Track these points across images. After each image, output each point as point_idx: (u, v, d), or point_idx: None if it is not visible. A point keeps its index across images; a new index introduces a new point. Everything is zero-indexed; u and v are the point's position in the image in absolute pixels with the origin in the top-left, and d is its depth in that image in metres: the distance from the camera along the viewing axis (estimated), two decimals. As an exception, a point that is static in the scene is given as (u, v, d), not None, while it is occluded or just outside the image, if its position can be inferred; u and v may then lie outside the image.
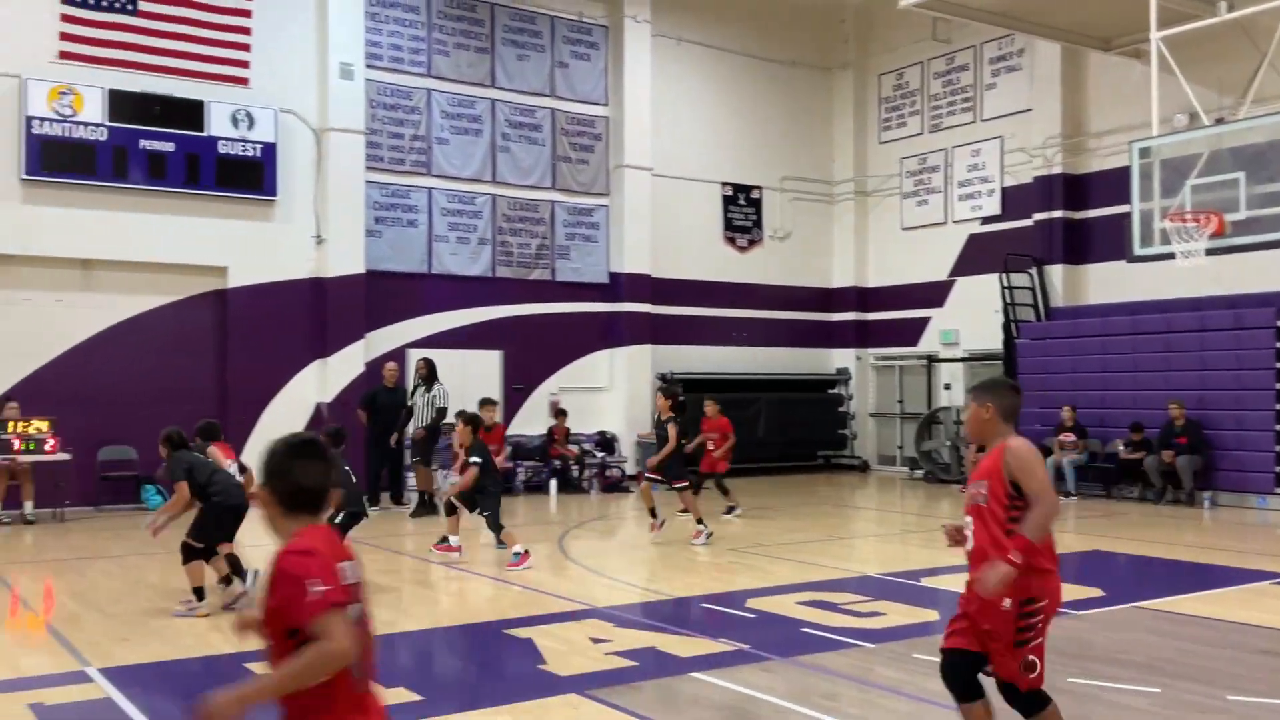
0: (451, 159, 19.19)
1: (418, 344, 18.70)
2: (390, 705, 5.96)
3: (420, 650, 7.92)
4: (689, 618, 8.56)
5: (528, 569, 10.64)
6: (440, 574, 10.89)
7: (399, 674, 6.84)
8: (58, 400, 15.21)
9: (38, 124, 15.45)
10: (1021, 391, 4.96)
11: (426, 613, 9.17)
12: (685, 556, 11.81)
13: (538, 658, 7.21)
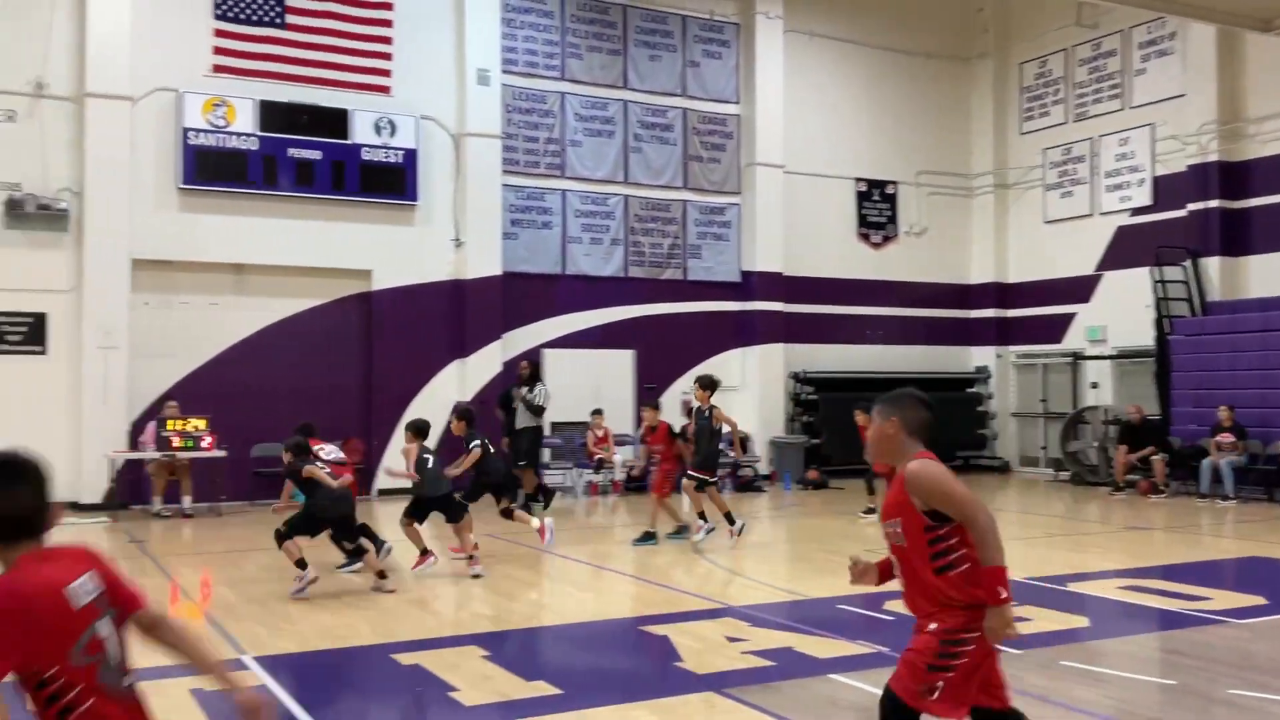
0: (585, 160, 19.41)
1: (552, 344, 18.98)
2: (530, 699, 6.09)
3: (559, 644, 8.02)
4: (826, 619, 8.45)
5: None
6: (580, 571, 11.01)
7: (539, 668, 6.95)
8: (214, 399, 15.95)
9: (193, 135, 16.23)
10: (932, 407, 4.28)
11: (564, 608, 9.28)
12: (822, 557, 11.67)
13: (674, 655, 7.22)
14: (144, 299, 16.12)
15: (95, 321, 15.55)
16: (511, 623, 8.36)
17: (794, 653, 7.29)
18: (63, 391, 15.44)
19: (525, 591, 9.82)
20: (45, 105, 15.62)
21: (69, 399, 15.46)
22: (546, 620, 8.79)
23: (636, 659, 7.43)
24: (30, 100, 15.55)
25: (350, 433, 17.35)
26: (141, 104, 16.03)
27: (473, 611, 8.85)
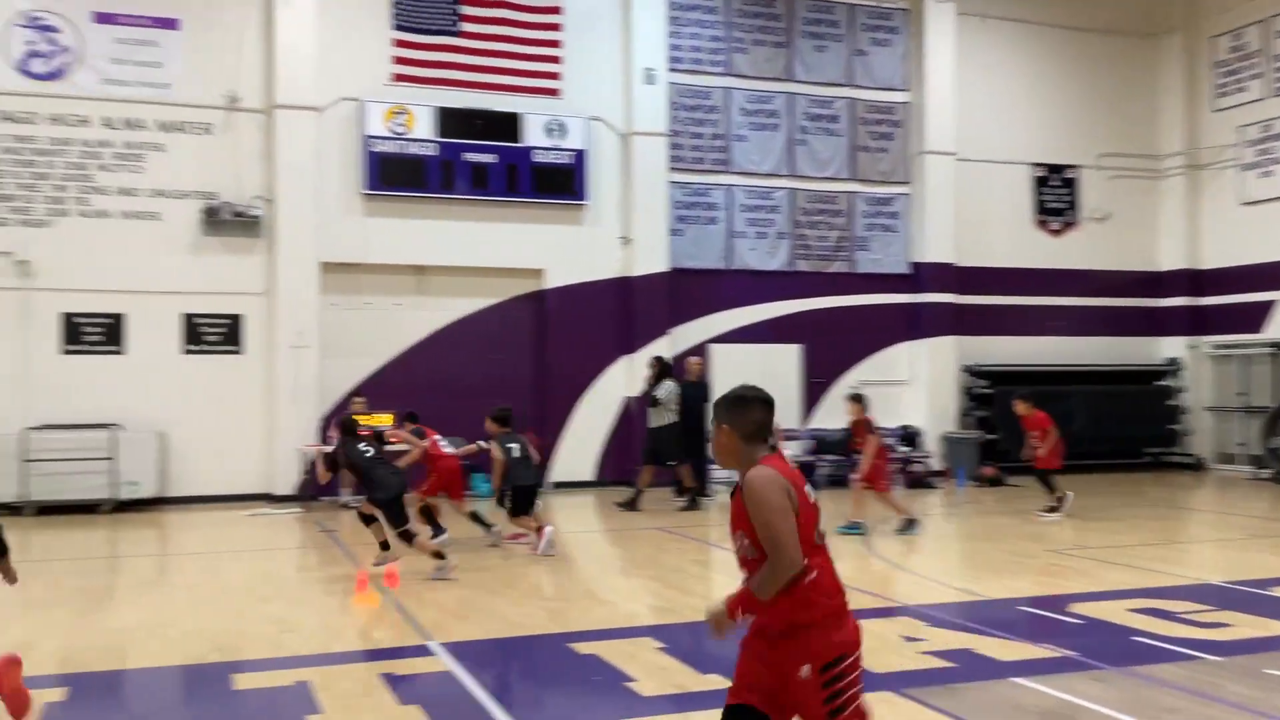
0: (750, 155, 19.35)
1: (718, 339, 18.99)
2: (707, 692, 6.13)
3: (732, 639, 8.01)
4: (1008, 620, 8.19)
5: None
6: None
7: (713, 661, 6.97)
8: (397, 395, 16.60)
9: (375, 142, 16.95)
10: (769, 401, 3.96)
11: (735, 603, 9.28)
12: (1000, 556, 11.33)
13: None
14: (331, 300, 16.93)
15: (287, 322, 16.42)
16: (684, 615, 8.42)
17: (974, 654, 7.10)
18: (258, 389, 16.36)
19: (695, 584, 9.87)
20: (238, 118, 16.57)
21: (263, 396, 16.38)
22: (718, 614, 8.81)
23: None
24: (225, 113, 16.53)
25: (525, 427, 17.83)
26: (327, 113, 16.84)
27: (645, 604, 8.96)
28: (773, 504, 3.68)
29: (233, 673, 6.80)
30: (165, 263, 16.13)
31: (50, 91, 15.77)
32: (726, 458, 3.94)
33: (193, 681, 6.86)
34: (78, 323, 15.86)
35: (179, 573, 10.72)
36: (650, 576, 10.11)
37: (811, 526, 3.77)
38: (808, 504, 3.77)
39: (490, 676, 6.59)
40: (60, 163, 15.80)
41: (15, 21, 15.63)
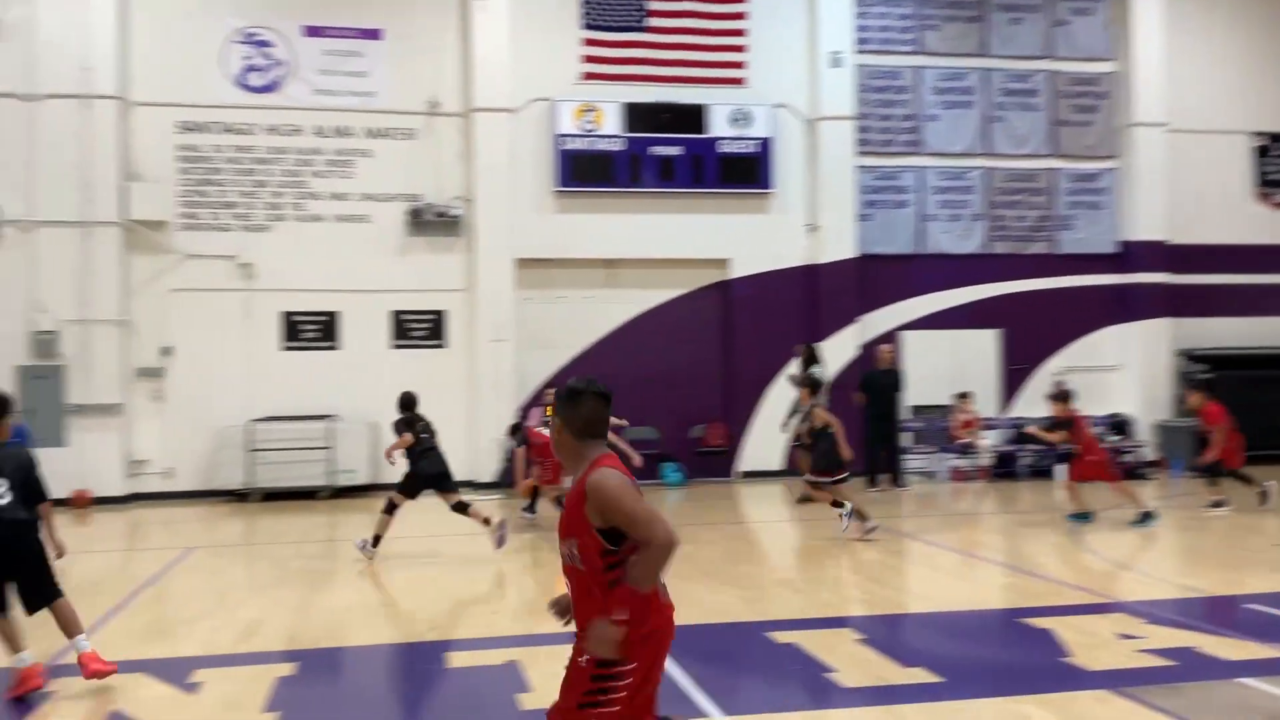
0: (942, 135, 18.81)
1: (910, 325, 18.58)
2: (910, 685, 6.04)
3: (935, 632, 7.87)
4: (1233, 618, 7.73)
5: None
6: (948, 558, 10.75)
7: (916, 654, 6.87)
8: (589, 386, 16.95)
9: (566, 140, 17.35)
10: (603, 394, 3.80)
11: (936, 595, 9.09)
12: (1222, 550, 10.68)
13: (1059, 649, 6.89)
14: (526, 295, 17.45)
15: (486, 317, 17.02)
16: (883, 607, 8.31)
17: (1197, 653, 6.74)
18: (460, 381, 17.02)
19: (893, 577, 9.72)
20: (439, 122, 17.27)
21: (465, 388, 17.03)
22: (918, 607, 8.65)
23: (1019, 651, 7.15)
24: (426, 119, 17.25)
25: (713, 416, 17.94)
26: (520, 114, 17.34)
27: (842, 594, 8.88)
28: (627, 493, 3.59)
29: (446, 651, 7.13)
30: (374, 263, 16.99)
31: (266, 103, 16.82)
32: (562, 455, 3.82)
33: (410, 659, 7.22)
34: (296, 321, 16.89)
35: (392, 556, 11.29)
36: (845, 567, 10.02)
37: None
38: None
39: (689, 662, 6.67)
40: (277, 170, 16.84)
41: (234, 39, 16.74)
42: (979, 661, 7.01)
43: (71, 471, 15.57)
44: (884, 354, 16.62)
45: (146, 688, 6.28)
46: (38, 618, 6.61)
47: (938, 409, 18.00)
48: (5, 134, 15.70)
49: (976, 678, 6.41)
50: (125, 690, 6.22)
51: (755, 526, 13.16)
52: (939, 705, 5.76)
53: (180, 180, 16.55)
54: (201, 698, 6.11)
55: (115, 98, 16.05)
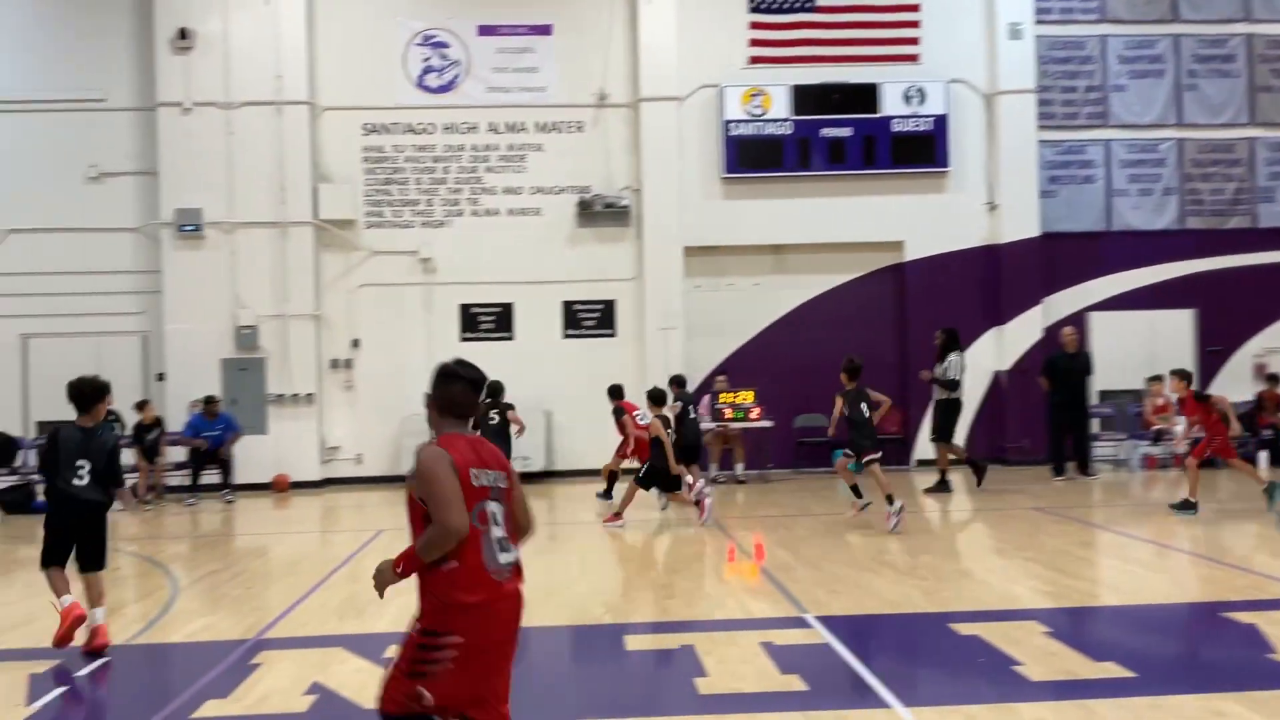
0: (1130, 106, 17.90)
1: (1098, 306, 17.78)
2: (1101, 680, 5.80)
3: (1127, 625, 7.52)
4: None
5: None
6: (1142, 549, 10.26)
7: (1108, 648, 6.58)
8: (759, 373, 16.94)
9: (733, 126, 17.30)
10: (478, 383, 4.02)
11: (1129, 587, 8.68)
12: None
13: (1266, 646, 6.47)
14: (695, 283, 17.52)
15: (655, 305, 17.18)
16: (1071, 600, 7.99)
17: None
18: (630, 369, 17.19)
19: (1082, 568, 9.33)
20: (607, 113, 17.51)
21: (635, 375, 17.16)
22: (1109, 599, 8.28)
23: (1219, 646, 6.76)
24: (595, 110, 17.50)
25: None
26: (687, 102, 17.40)
27: (1028, 586, 8.58)
28: (436, 474, 3.79)
29: (624, 634, 7.25)
30: (546, 254, 17.37)
31: (444, 103, 17.40)
32: (430, 428, 4.05)
33: (589, 640, 7.37)
34: (474, 312, 17.43)
35: (569, 540, 11.55)
36: (1029, 558, 9.67)
37: (470, 506, 3.82)
38: (470, 487, 3.83)
39: (869, 652, 6.59)
40: (454, 168, 17.41)
41: (413, 42, 17.36)
42: (1176, 657, 6.67)
43: (270, 458, 16.56)
44: (1068, 337, 15.91)
45: (344, 661, 6.62)
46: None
47: (1129, 394, 17.16)
48: (206, 141, 16.75)
49: (1173, 674, 6.10)
50: (324, 664, 6.56)
51: (933, 516, 12.85)
52: (1133, 701, 5.50)
53: (366, 180, 17.31)
54: (394, 673, 6.39)
55: (305, 103, 16.91)
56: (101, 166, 17.09)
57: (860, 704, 5.58)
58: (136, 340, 17.20)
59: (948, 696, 5.80)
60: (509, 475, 4.03)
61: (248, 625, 7.72)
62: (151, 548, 11.70)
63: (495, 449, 4.07)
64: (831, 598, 8.16)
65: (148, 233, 17.11)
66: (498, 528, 3.92)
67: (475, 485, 3.87)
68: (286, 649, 7.03)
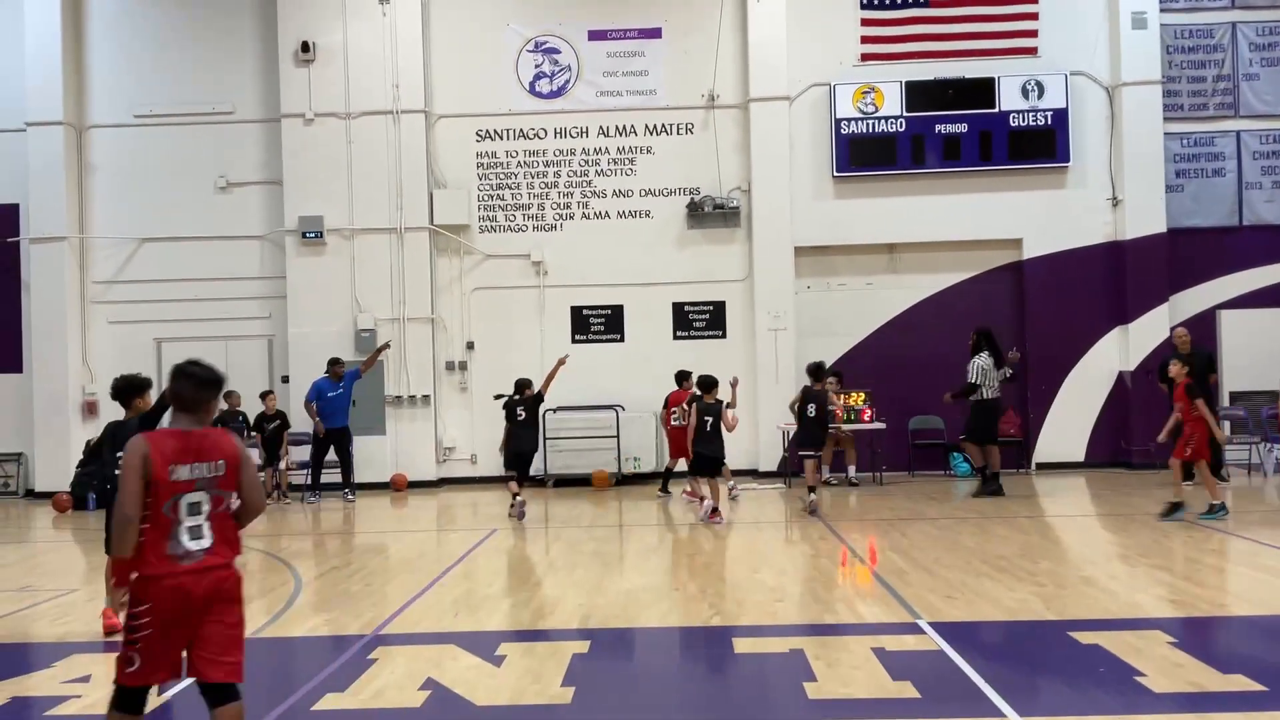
0: (1263, 95, 17.13)
1: (1228, 304, 17.07)
2: (1229, 693, 5.57)
3: (1259, 637, 7.20)
4: None
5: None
6: (1275, 558, 9.80)
7: (1236, 660, 6.32)
8: (872, 374, 16.71)
9: (845, 124, 17.11)
10: (209, 382, 4.51)
11: (1263, 597, 8.30)
12: None
13: None
14: (806, 283, 17.39)
15: (765, 306, 17.09)
16: (1198, 609, 7.68)
17: None
18: (740, 370, 17.04)
19: (1211, 576, 8.96)
20: (716, 115, 17.49)
21: (746, 377, 17.10)
22: (1239, 609, 7.93)
23: (1361, 663, 6.42)
24: (704, 112, 17.51)
25: (1006, 405, 17.14)
26: (797, 101, 17.27)
27: (1153, 594, 8.28)
28: (127, 466, 4.31)
29: (733, 636, 7.23)
30: (656, 256, 17.44)
31: (555, 108, 17.62)
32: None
33: (697, 642, 7.38)
34: (585, 315, 17.60)
35: (679, 540, 11.57)
36: (1156, 565, 9.33)
37: (163, 499, 4.31)
38: (165, 480, 4.30)
39: (984, 660, 6.44)
40: (565, 172, 17.61)
41: (525, 49, 17.62)
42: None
43: (389, 458, 16.99)
44: (1180, 338, 15.14)
45: (457, 658, 6.75)
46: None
47: (1263, 395, 16.40)
48: (327, 150, 17.28)
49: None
50: (438, 660, 6.71)
51: (1054, 521, 12.50)
52: (1262, 715, 5.27)
53: (479, 185, 17.63)
54: (505, 670, 6.50)
55: (421, 111, 17.31)
56: (230, 176, 17.79)
57: (973, 712, 5.47)
58: (263, 343, 17.86)
59: (1065, 707, 5.64)
60: (231, 464, 4.47)
61: (365, 621, 7.94)
62: (274, 544, 12.12)
63: (223, 440, 4.52)
64: (946, 603, 8.00)
65: (273, 240, 17.73)
66: (194, 518, 4.39)
67: (172, 479, 4.35)
68: (402, 645, 7.20)
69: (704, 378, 13.01)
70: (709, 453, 12.65)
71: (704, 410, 12.70)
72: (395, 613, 8.21)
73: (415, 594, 8.88)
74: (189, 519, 4.38)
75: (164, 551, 4.33)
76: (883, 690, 5.91)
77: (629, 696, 6.09)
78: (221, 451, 4.46)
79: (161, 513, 4.32)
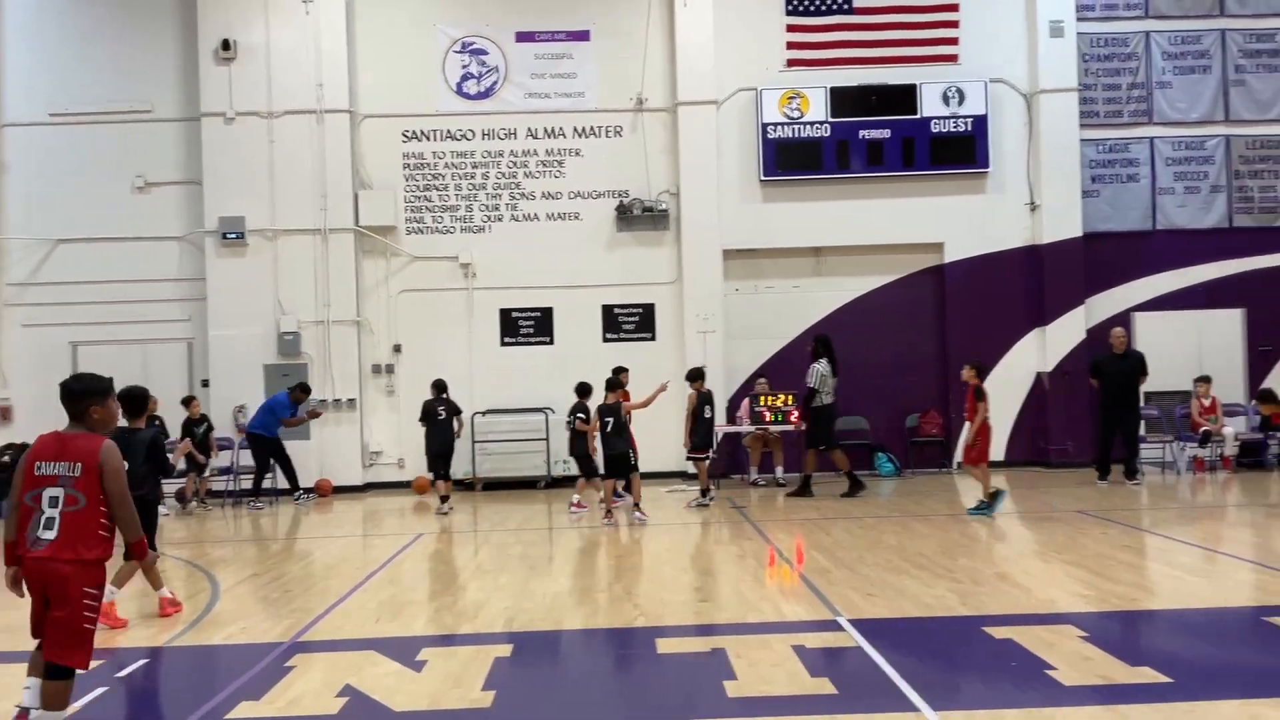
0: (1175, 103, 17.64)
1: (1142, 307, 17.54)
2: (1136, 684, 5.72)
3: (1166, 630, 7.41)
4: None
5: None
6: (1188, 553, 10.09)
7: (1144, 653, 6.50)
8: (799, 376, 16.81)
9: (771, 129, 17.26)
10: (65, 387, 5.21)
11: (1170, 591, 8.55)
12: None
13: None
14: (734, 286, 17.51)
15: (694, 309, 17.18)
16: (1110, 604, 7.88)
17: None
18: (668, 372, 17.16)
19: (1123, 572, 9.19)
20: (645, 118, 17.54)
21: (675, 379, 17.18)
22: (1149, 604, 8.15)
23: (1261, 652, 6.64)
24: (633, 115, 17.55)
25: (927, 405, 17.45)
26: (725, 106, 17.39)
27: (1066, 589, 8.47)
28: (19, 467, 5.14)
29: (656, 637, 7.25)
30: (585, 259, 17.43)
31: (482, 109, 17.53)
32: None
33: (620, 643, 7.38)
34: (514, 317, 17.53)
35: (605, 543, 11.57)
36: (1070, 561, 9.56)
37: (26, 490, 5.05)
38: (31, 475, 5.05)
39: (901, 655, 6.54)
40: (493, 173, 17.54)
41: (452, 49, 17.51)
42: (1215, 662, 6.54)
43: (314, 463, 16.75)
44: (1117, 338, 15.58)
45: (377, 664, 6.69)
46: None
47: (1175, 395, 16.89)
48: (248, 150, 17.00)
49: (1211, 679, 6.00)
50: (358, 666, 6.64)
51: (971, 518, 12.74)
52: (1167, 706, 5.42)
53: (406, 187, 17.48)
54: (426, 675, 6.45)
55: (346, 111, 17.12)
56: (148, 176, 17.41)
57: (889, 708, 5.55)
58: (182, 346, 17.50)
59: (978, 701, 5.74)
60: (87, 467, 5.01)
61: (284, 628, 7.83)
62: (196, 551, 11.88)
63: (89, 445, 5.07)
64: (866, 601, 8.11)
65: (193, 241, 17.40)
66: (50, 510, 5.01)
67: (36, 474, 5.06)
68: (322, 652, 7.11)
69: (608, 379, 13.39)
70: (614, 453, 12.73)
71: (604, 411, 12.82)
72: (315, 619, 8.10)
73: (337, 600, 8.77)
74: (47, 510, 5.02)
75: (24, 537, 5.06)
76: (801, 687, 5.97)
77: (550, 698, 6.08)
78: (80, 455, 5.04)
79: (24, 501, 5.07)
